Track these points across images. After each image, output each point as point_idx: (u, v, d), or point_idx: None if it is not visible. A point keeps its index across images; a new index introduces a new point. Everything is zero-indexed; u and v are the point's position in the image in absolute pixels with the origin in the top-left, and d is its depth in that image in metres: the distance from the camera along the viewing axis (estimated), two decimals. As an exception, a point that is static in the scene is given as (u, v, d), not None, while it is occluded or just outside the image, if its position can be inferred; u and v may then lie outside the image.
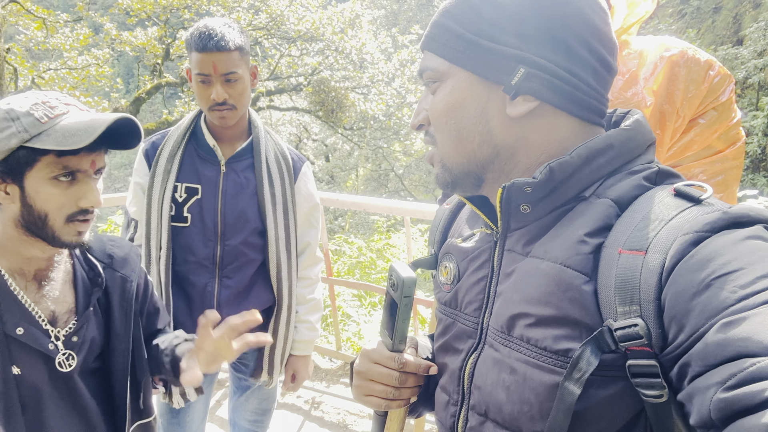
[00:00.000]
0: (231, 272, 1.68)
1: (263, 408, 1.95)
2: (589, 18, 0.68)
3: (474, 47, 0.69)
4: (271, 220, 1.69)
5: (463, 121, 0.71)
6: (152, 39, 9.88)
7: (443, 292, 0.85)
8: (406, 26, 16.93)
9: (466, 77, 0.71)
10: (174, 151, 1.66)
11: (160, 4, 9.49)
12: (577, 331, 0.61)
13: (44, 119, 0.95)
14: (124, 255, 1.21)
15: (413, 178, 18.34)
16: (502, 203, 0.70)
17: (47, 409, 1.04)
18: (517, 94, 0.68)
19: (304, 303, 1.87)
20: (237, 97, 1.58)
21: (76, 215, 1.00)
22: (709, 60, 1.31)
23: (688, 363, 0.52)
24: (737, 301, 0.49)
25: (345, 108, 10.73)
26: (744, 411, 0.44)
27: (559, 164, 0.66)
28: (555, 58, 0.67)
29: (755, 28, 10.41)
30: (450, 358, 0.80)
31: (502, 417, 0.69)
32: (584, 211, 0.66)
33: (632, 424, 0.61)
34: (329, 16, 10.35)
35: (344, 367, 3.57)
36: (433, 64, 0.73)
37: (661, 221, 0.59)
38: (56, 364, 1.04)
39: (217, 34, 1.50)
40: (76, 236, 1.02)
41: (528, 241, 0.71)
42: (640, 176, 0.66)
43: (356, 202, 3.06)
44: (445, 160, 0.75)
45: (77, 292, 1.11)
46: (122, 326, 1.16)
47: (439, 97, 0.73)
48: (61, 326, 1.07)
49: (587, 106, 0.70)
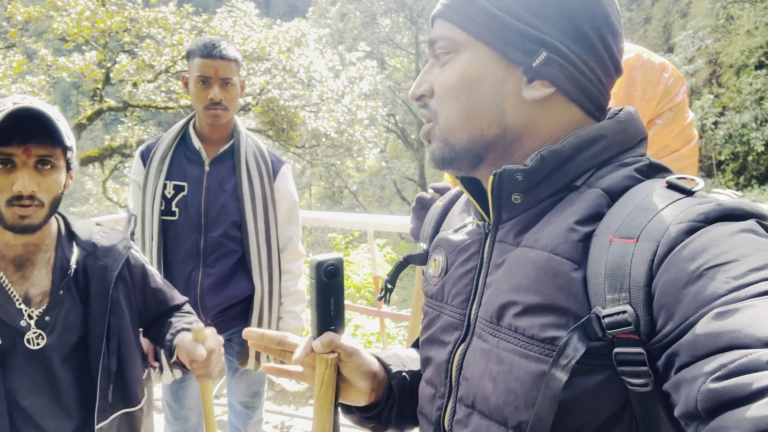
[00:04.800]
0: (213, 262, 1.88)
1: (252, 391, 2.11)
2: (609, 14, 0.68)
3: (498, 23, 0.67)
4: (250, 214, 1.90)
5: (476, 98, 0.69)
6: (91, 64, 9.54)
7: (430, 285, 0.84)
8: (352, 44, 17.07)
9: (486, 53, 0.68)
10: (165, 153, 1.89)
11: (98, 28, 9.19)
12: (564, 319, 0.61)
13: None
14: (109, 245, 1.31)
15: (367, 193, 18.37)
16: (494, 192, 0.70)
17: (20, 385, 1.14)
18: (535, 77, 0.67)
19: (289, 295, 2.05)
20: (230, 100, 1.84)
21: (12, 200, 1.11)
22: (663, 63, 1.36)
23: (676, 352, 0.51)
24: (729, 292, 0.49)
25: (296, 126, 10.64)
26: (732, 402, 0.43)
27: (550, 152, 0.66)
28: (574, 48, 0.67)
29: (684, 36, 11.08)
30: (436, 350, 0.78)
31: (488, 408, 0.67)
32: (575, 200, 0.66)
33: (617, 416, 0.60)
34: (275, 35, 10.27)
35: (312, 389, 3.50)
36: (450, 33, 0.70)
37: (653, 210, 0.58)
38: (25, 340, 1.15)
39: (220, 44, 1.80)
40: (19, 219, 1.12)
41: (519, 232, 0.70)
42: (632, 168, 0.66)
43: (317, 218, 3.02)
44: (447, 136, 0.73)
45: (54, 277, 1.22)
46: (99, 312, 1.25)
47: (453, 69, 0.70)
48: (34, 306, 1.18)
49: (595, 100, 0.70)
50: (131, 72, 9.83)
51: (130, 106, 9.54)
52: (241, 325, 1.98)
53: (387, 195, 18.99)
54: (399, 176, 16.95)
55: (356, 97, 11.75)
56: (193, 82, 1.83)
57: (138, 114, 10.49)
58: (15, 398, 1.14)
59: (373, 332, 4.62)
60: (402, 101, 19.22)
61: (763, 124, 8.91)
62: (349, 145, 12.03)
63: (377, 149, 14.31)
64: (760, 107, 9.26)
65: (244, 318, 1.97)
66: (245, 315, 1.98)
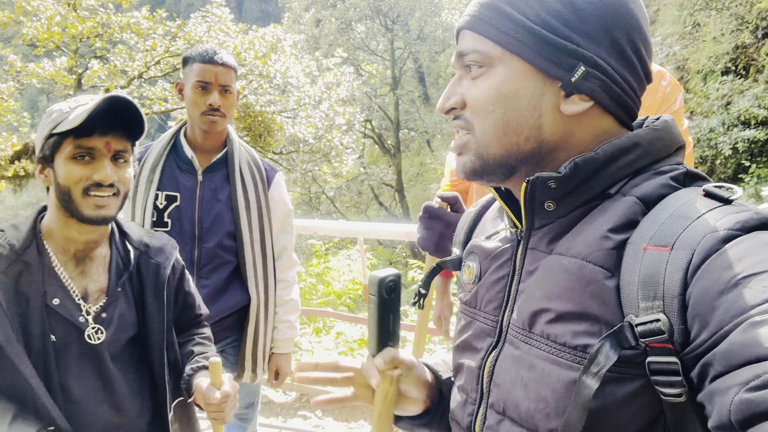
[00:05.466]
0: (208, 273, 1.84)
1: (247, 402, 2.07)
2: (640, 24, 0.68)
3: (535, 37, 0.66)
4: (245, 224, 1.86)
5: (514, 112, 0.68)
6: (62, 69, 9.32)
7: (465, 291, 0.84)
8: (328, 50, 17.02)
9: (522, 67, 0.67)
10: (156, 162, 1.84)
11: (68, 34, 8.98)
12: (596, 327, 0.60)
13: (67, 110, 1.14)
14: (160, 245, 1.37)
15: (344, 199, 18.30)
16: (527, 199, 0.69)
17: (75, 377, 1.18)
18: (573, 92, 0.66)
19: (283, 304, 2.03)
20: (228, 107, 1.82)
21: (90, 188, 1.15)
22: (661, 71, 1.39)
23: (710, 362, 0.50)
24: (766, 301, 0.48)
25: (273, 132, 10.57)
26: (766, 413, 0.43)
27: (584, 160, 0.66)
28: (610, 60, 0.66)
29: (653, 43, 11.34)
30: (469, 356, 0.79)
31: (518, 414, 0.67)
32: (609, 208, 0.65)
33: (650, 427, 0.59)
34: (251, 41, 10.20)
35: (300, 400, 3.45)
36: (482, 47, 0.69)
37: (689, 219, 0.58)
38: (86, 336, 1.19)
39: (220, 52, 1.79)
40: (96, 210, 1.16)
41: (552, 239, 0.69)
42: (667, 176, 0.65)
43: (308, 226, 2.99)
44: (482, 150, 0.71)
45: (110, 275, 1.26)
46: (156, 308, 1.30)
47: (488, 83, 0.69)
48: (92, 302, 1.22)
49: (629, 110, 0.70)
50: (103, 78, 9.63)
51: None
52: (235, 335, 1.95)
53: (364, 200, 18.97)
54: (377, 182, 16.94)
55: (334, 103, 11.72)
56: (190, 87, 1.79)
57: (110, 120, 10.27)
58: (70, 391, 1.17)
59: (355, 339, 4.60)
60: (378, 107, 19.24)
61: (730, 129, 9.18)
62: (326, 151, 11.98)
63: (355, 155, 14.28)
64: (727, 112, 9.54)
65: (239, 328, 1.95)
66: (240, 325, 1.95)
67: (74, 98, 1.18)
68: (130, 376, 1.27)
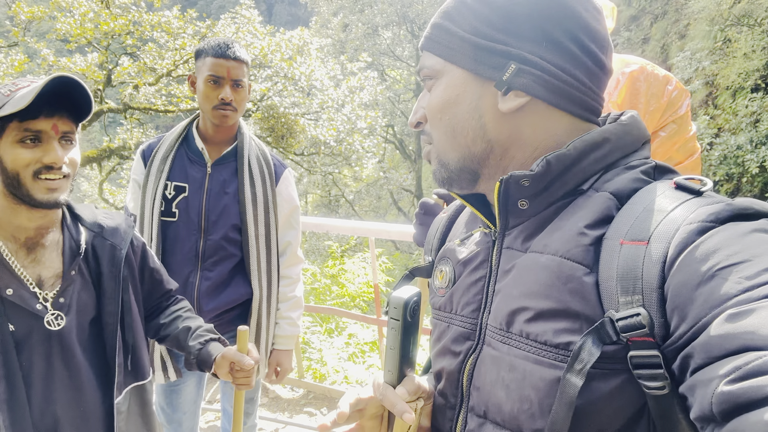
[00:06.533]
0: (212, 265, 1.85)
1: (246, 397, 2.07)
2: (581, 16, 0.69)
3: (467, 44, 0.71)
4: (251, 218, 1.87)
5: (457, 117, 0.73)
6: (92, 65, 9.56)
7: (438, 296, 0.83)
8: (353, 54, 17.16)
9: (460, 74, 0.72)
10: (167, 153, 1.87)
11: (101, 30, 9.21)
12: (577, 324, 0.61)
13: (7, 93, 1.10)
14: (114, 225, 1.34)
15: (363, 203, 18.38)
16: (500, 198, 0.70)
17: (37, 365, 1.15)
18: (509, 89, 0.69)
19: (286, 300, 2.02)
20: (239, 102, 1.83)
21: (40, 171, 1.12)
22: (667, 75, 1.39)
23: (690, 354, 0.51)
24: (742, 292, 0.48)
25: (295, 134, 10.66)
26: (748, 405, 0.43)
27: (555, 157, 0.67)
28: (546, 55, 0.68)
29: (682, 58, 11.19)
30: (448, 361, 0.78)
31: (501, 417, 0.67)
32: (583, 204, 0.66)
33: (635, 420, 0.60)
34: (277, 43, 10.33)
35: (307, 396, 3.47)
36: (430, 62, 0.75)
37: (663, 212, 0.59)
38: (45, 322, 1.17)
39: (233, 46, 1.79)
40: (48, 193, 1.14)
41: (527, 237, 0.70)
42: (638, 170, 0.67)
43: (319, 224, 3.02)
44: (441, 156, 0.77)
45: (65, 258, 1.24)
46: (111, 289, 1.28)
47: (435, 94, 0.75)
48: (48, 289, 1.20)
49: (580, 102, 0.71)
50: (132, 74, 9.84)
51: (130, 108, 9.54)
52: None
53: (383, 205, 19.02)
54: (396, 187, 16.97)
55: (356, 107, 11.79)
56: (203, 81, 1.80)
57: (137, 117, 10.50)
58: (32, 380, 1.15)
59: (367, 341, 4.61)
60: (401, 112, 19.30)
61: (758, 147, 8.99)
62: (347, 154, 12.05)
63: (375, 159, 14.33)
64: (755, 129, 9.35)
65: (241, 322, 1.94)
66: (242, 319, 1.95)
67: (12, 81, 1.15)
68: (95, 361, 1.26)
